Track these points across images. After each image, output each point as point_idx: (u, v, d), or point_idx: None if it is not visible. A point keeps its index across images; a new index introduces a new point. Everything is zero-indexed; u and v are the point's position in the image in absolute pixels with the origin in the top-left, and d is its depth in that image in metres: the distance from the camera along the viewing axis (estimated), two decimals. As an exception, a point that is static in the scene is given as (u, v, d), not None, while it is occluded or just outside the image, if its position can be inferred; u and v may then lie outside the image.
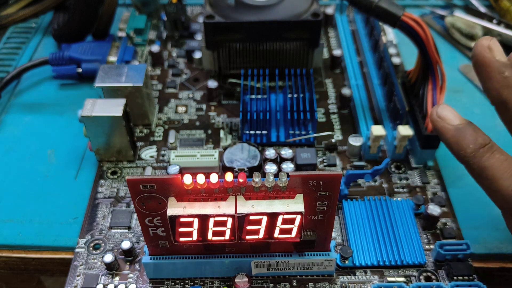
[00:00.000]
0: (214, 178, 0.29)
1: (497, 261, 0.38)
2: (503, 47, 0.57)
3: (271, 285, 0.35)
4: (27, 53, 0.55)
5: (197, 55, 0.53)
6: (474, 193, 0.41)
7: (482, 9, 0.59)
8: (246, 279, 0.34)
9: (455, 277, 0.35)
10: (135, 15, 0.57)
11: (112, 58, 0.51)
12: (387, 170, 0.43)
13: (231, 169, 0.40)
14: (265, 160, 0.41)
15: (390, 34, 0.56)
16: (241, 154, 0.41)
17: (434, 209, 0.38)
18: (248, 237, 0.31)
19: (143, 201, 0.30)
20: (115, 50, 0.52)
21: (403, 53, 0.53)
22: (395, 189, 0.41)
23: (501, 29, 0.55)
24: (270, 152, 0.41)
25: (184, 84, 0.51)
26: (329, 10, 0.58)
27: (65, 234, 0.39)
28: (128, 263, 0.36)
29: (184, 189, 0.29)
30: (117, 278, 0.35)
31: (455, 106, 0.40)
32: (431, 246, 0.37)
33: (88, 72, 0.50)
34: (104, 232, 0.38)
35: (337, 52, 0.52)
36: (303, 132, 0.44)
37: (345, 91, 0.48)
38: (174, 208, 0.30)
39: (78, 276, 0.36)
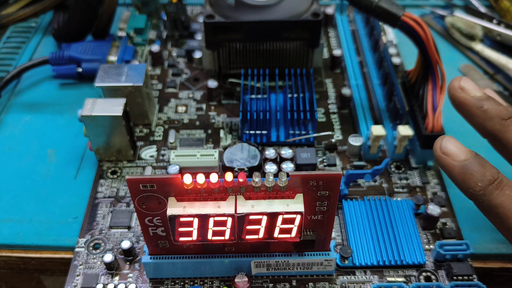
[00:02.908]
0: (214, 178, 0.29)
1: (497, 261, 0.38)
2: (503, 47, 0.57)
3: (271, 285, 0.35)
4: (27, 52, 0.55)
5: (197, 55, 0.53)
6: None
7: (482, 9, 0.59)
8: (246, 279, 0.34)
9: (454, 277, 0.35)
10: (135, 15, 0.57)
11: (112, 58, 0.51)
12: (387, 170, 0.43)
13: (231, 169, 0.40)
14: (265, 160, 0.41)
15: (390, 34, 0.56)
16: (241, 154, 0.41)
17: (434, 209, 0.38)
18: (248, 237, 0.31)
19: (143, 200, 0.30)
20: (115, 49, 0.52)
21: (403, 53, 0.53)
22: (395, 189, 0.41)
23: (501, 29, 0.55)
24: (270, 152, 0.41)
25: (184, 83, 0.51)
26: (329, 10, 0.58)
27: (65, 233, 0.39)
28: (128, 263, 0.36)
29: (184, 188, 0.29)
30: (117, 278, 0.35)
31: (455, 106, 0.40)
32: (431, 246, 0.37)
33: (88, 72, 0.50)
34: (104, 231, 0.38)
35: (337, 52, 0.52)
36: (303, 132, 0.44)
37: (345, 91, 0.48)
38: (174, 208, 0.30)
39: (78, 275, 0.36)
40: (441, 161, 0.31)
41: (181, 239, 0.31)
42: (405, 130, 0.41)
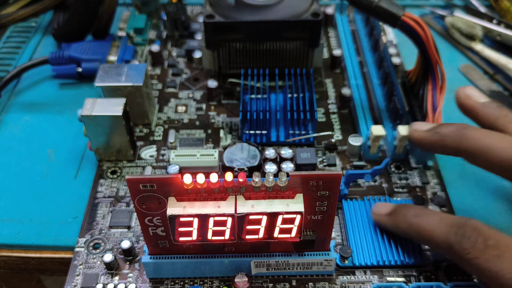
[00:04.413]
0: (214, 177, 0.29)
1: (497, 261, 0.38)
2: (503, 47, 0.57)
3: (271, 284, 0.35)
4: (27, 52, 0.55)
5: (197, 54, 0.53)
6: (474, 193, 0.41)
7: (482, 9, 0.59)
8: (246, 279, 0.34)
9: (454, 277, 0.35)
10: (135, 15, 0.57)
11: (112, 58, 0.51)
12: (387, 170, 0.43)
13: (231, 169, 0.40)
14: (265, 160, 0.41)
15: (390, 34, 0.56)
16: (241, 154, 0.41)
17: (433, 209, 0.37)
18: (247, 236, 0.31)
19: (143, 200, 0.30)
20: (115, 49, 0.52)
21: (403, 53, 0.53)
22: (395, 189, 0.41)
23: (501, 29, 0.55)
24: (270, 152, 0.41)
25: (184, 83, 0.51)
26: (329, 10, 0.58)
27: (64, 233, 0.39)
28: (128, 263, 0.36)
29: (184, 188, 0.29)
30: (116, 278, 0.35)
31: (455, 106, 0.40)
32: (431, 246, 0.37)
33: (88, 72, 0.50)
34: (103, 231, 0.38)
35: (337, 52, 0.52)
36: (303, 132, 0.44)
37: (345, 91, 0.48)
38: (174, 208, 0.30)
39: (77, 275, 0.36)
40: (374, 217, 0.37)
41: (181, 239, 0.31)
42: (405, 130, 0.41)
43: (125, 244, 0.36)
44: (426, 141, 0.36)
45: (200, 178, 0.29)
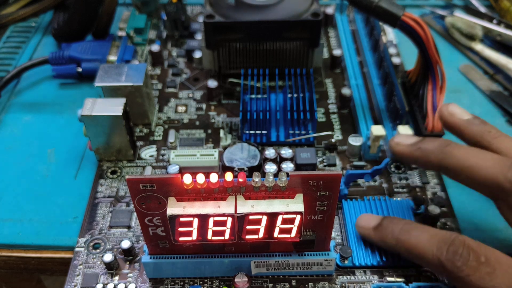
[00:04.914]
0: (214, 177, 0.29)
1: (497, 261, 0.38)
2: (503, 47, 0.57)
3: (271, 284, 0.35)
4: (27, 52, 0.55)
5: (197, 54, 0.53)
6: (474, 193, 0.41)
7: (482, 9, 0.59)
8: (246, 279, 0.34)
9: (454, 277, 0.35)
10: (135, 15, 0.57)
11: (112, 58, 0.51)
12: (387, 170, 0.43)
13: (231, 169, 0.40)
14: (265, 160, 0.41)
15: (390, 34, 0.56)
16: (241, 154, 0.41)
17: (433, 209, 0.38)
18: (247, 236, 0.31)
19: (143, 200, 0.30)
20: (115, 49, 0.52)
21: (403, 53, 0.53)
22: (395, 189, 0.41)
23: (501, 29, 0.55)
24: (270, 152, 0.41)
25: (184, 83, 0.51)
26: (329, 10, 0.58)
27: (64, 233, 0.39)
28: (128, 263, 0.36)
29: (184, 188, 0.29)
30: (116, 278, 0.35)
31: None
32: (431, 246, 0.37)
33: (88, 72, 0.50)
34: (103, 231, 0.38)
35: (337, 52, 0.52)
36: (303, 132, 0.44)
37: (345, 91, 0.48)
38: (173, 208, 0.30)
39: (77, 275, 0.36)
40: (359, 231, 0.37)
41: (181, 239, 0.31)
42: (405, 130, 0.41)
43: (125, 244, 0.36)
44: (409, 156, 0.36)
45: (200, 178, 0.29)
